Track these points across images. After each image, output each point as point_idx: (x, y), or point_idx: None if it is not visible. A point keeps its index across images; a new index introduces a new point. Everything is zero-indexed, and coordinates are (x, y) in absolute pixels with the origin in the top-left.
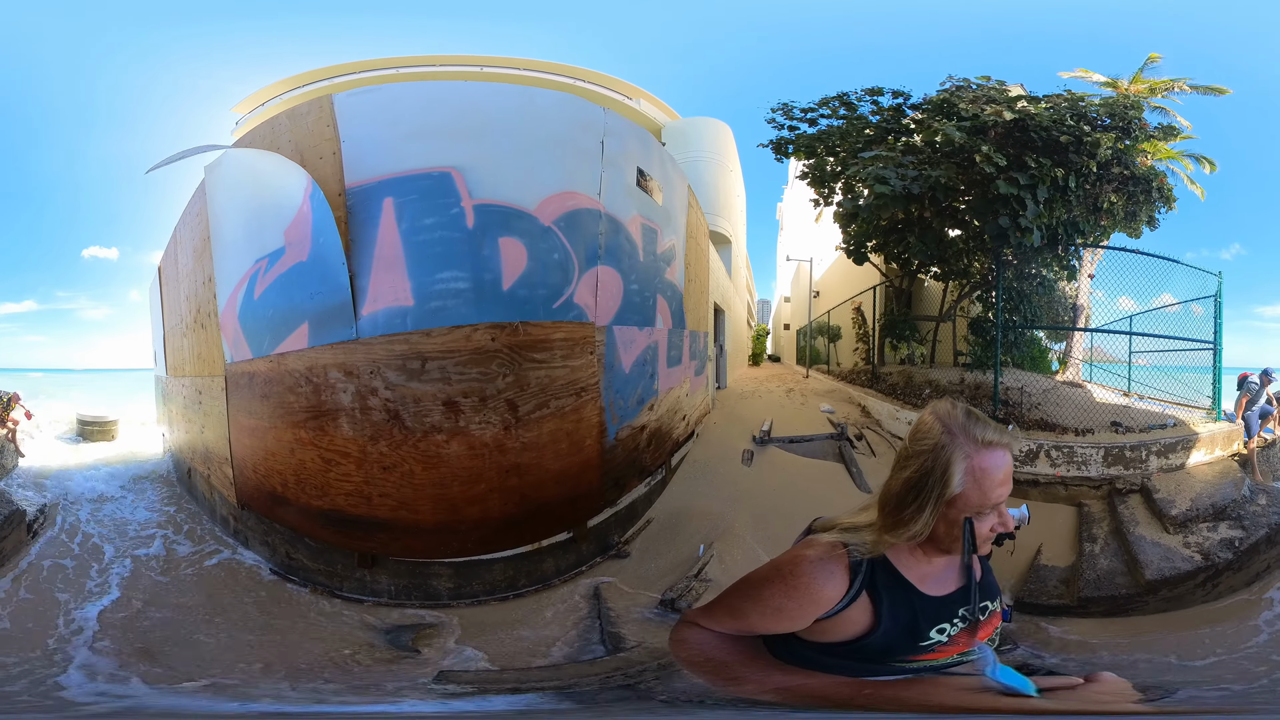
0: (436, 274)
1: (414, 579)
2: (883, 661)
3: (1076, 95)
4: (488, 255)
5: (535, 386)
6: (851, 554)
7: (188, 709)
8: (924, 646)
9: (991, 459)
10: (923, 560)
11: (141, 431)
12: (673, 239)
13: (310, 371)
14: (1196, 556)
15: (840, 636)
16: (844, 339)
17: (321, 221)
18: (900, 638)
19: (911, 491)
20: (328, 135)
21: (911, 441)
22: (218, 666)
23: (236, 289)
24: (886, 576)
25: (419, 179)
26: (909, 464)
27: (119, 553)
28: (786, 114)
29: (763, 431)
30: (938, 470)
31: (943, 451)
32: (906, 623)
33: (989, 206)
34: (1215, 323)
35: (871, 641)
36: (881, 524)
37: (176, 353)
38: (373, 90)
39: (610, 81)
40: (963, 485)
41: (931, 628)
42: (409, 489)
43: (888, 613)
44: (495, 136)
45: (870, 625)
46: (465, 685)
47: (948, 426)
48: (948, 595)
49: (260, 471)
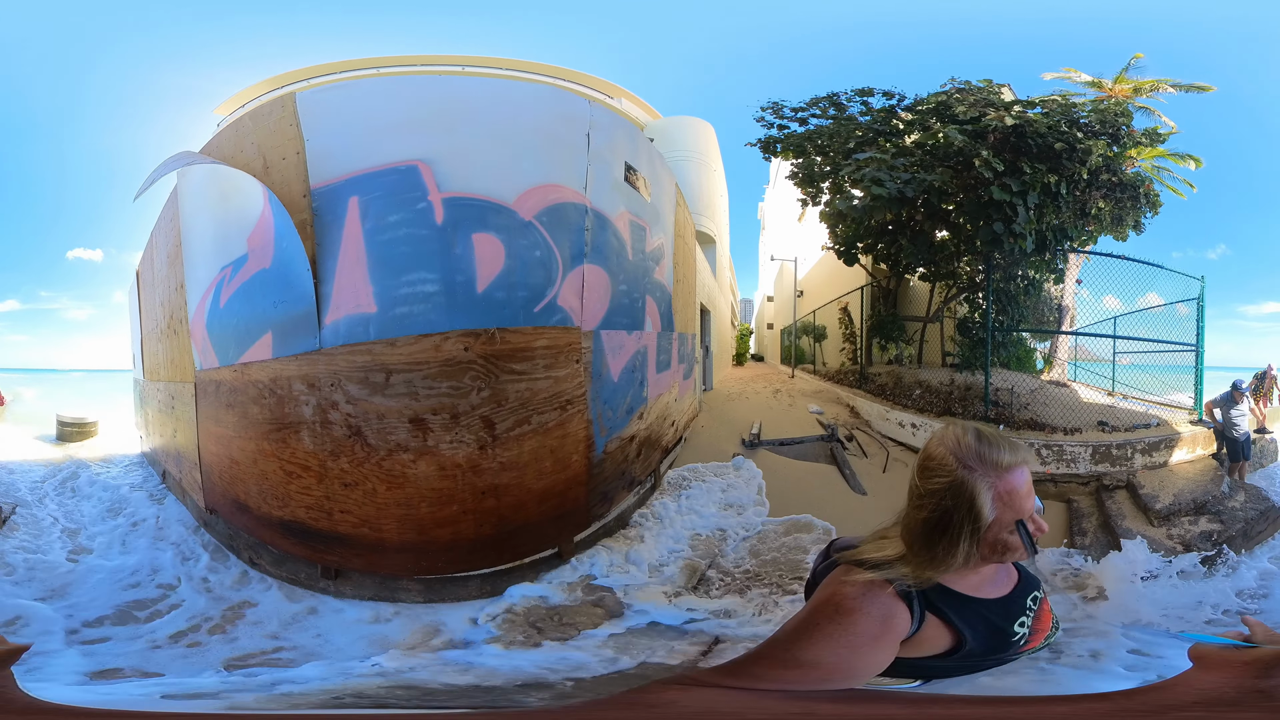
0: (402, 276)
1: (380, 590)
2: (990, 661)
3: (1069, 101)
4: (460, 254)
5: (515, 401)
6: (897, 586)
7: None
8: (1016, 641)
9: (1015, 480)
10: (969, 574)
11: (121, 433)
12: (661, 237)
13: (274, 383)
14: (1179, 548)
15: (934, 650)
16: (830, 339)
17: (283, 227)
18: (993, 641)
19: (935, 531)
20: (291, 135)
21: (922, 478)
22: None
23: (205, 296)
24: (943, 597)
25: (384, 174)
26: (924, 504)
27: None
28: (776, 113)
29: (752, 434)
30: (963, 507)
31: (963, 488)
32: (988, 629)
33: (983, 211)
34: (1198, 325)
35: (970, 649)
36: (917, 562)
37: (152, 357)
38: (338, 86)
39: (592, 81)
40: (994, 512)
41: (1013, 624)
42: (371, 507)
43: (964, 625)
44: (468, 128)
45: (955, 640)
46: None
47: (962, 460)
48: (1010, 593)
49: (225, 479)
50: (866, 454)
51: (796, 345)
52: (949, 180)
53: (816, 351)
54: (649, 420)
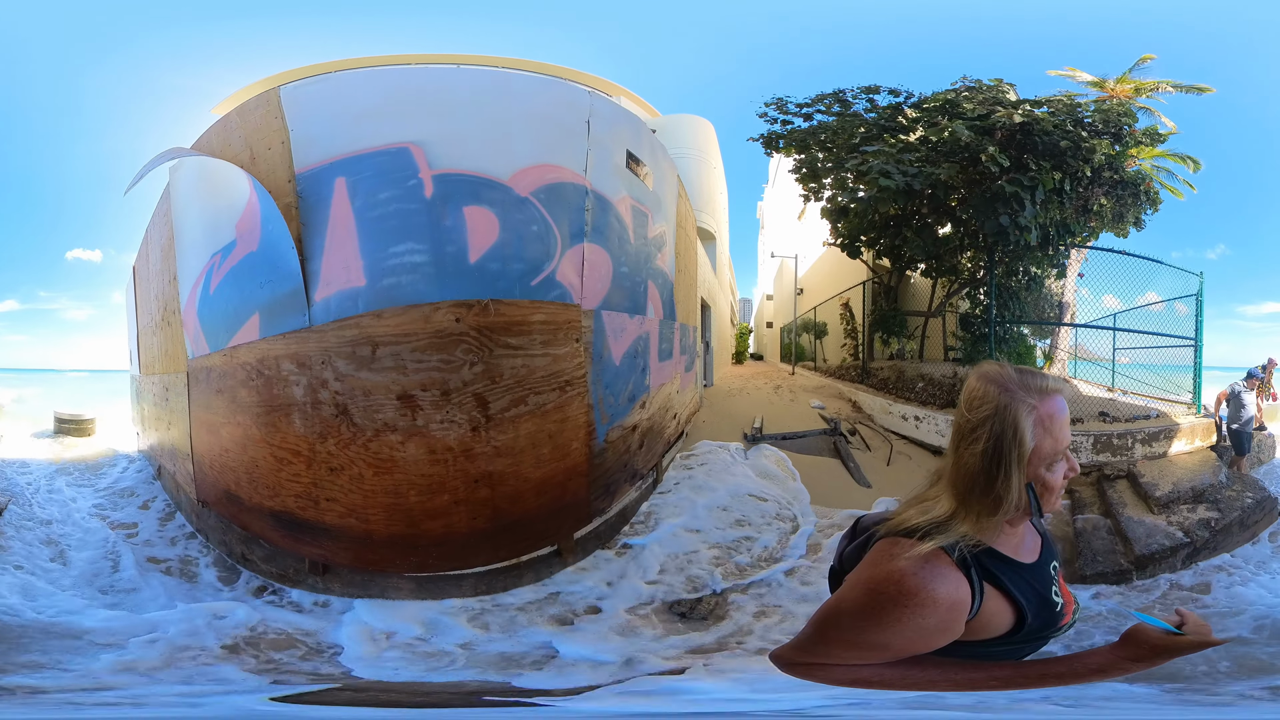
0: (390, 248)
1: (369, 589)
2: (1041, 639)
3: (1073, 101)
4: (450, 225)
5: (510, 378)
6: (952, 553)
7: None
8: (1058, 613)
9: (1055, 404)
10: (1011, 534)
11: (118, 430)
12: (663, 225)
13: (261, 364)
14: (1179, 533)
15: (997, 631)
16: (830, 335)
17: (268, 210)
18: (1045, 612)
19: (992, 463)
20: (275, 127)
21: (970, 410)
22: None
23: (195, 285)
24: (996, 561)
25: (374, 156)
26: (978, 434)
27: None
28: (780, 108)
29: (754, 429)
30: (1009, 431)
31: (1008, 411)
32: (1038, 598)
33: (989, 205)
34: (1196, 320)
35: (1030, 626)
36: (976, 509)
37: (147, 351)
38: (320, 80)
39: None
40: (1035, 439)
41: (1050, 592)
42: (358, 494)
43: (1022, 595)
44: (462, 113)
45: (1015, 615)
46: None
47: (1004, 385)
48: (1040, 559)
49: (216, 468)
50: (870, 447)
51: (796, 342)
52: (955, 175)
53: (817, 348)
54: (651, 410)
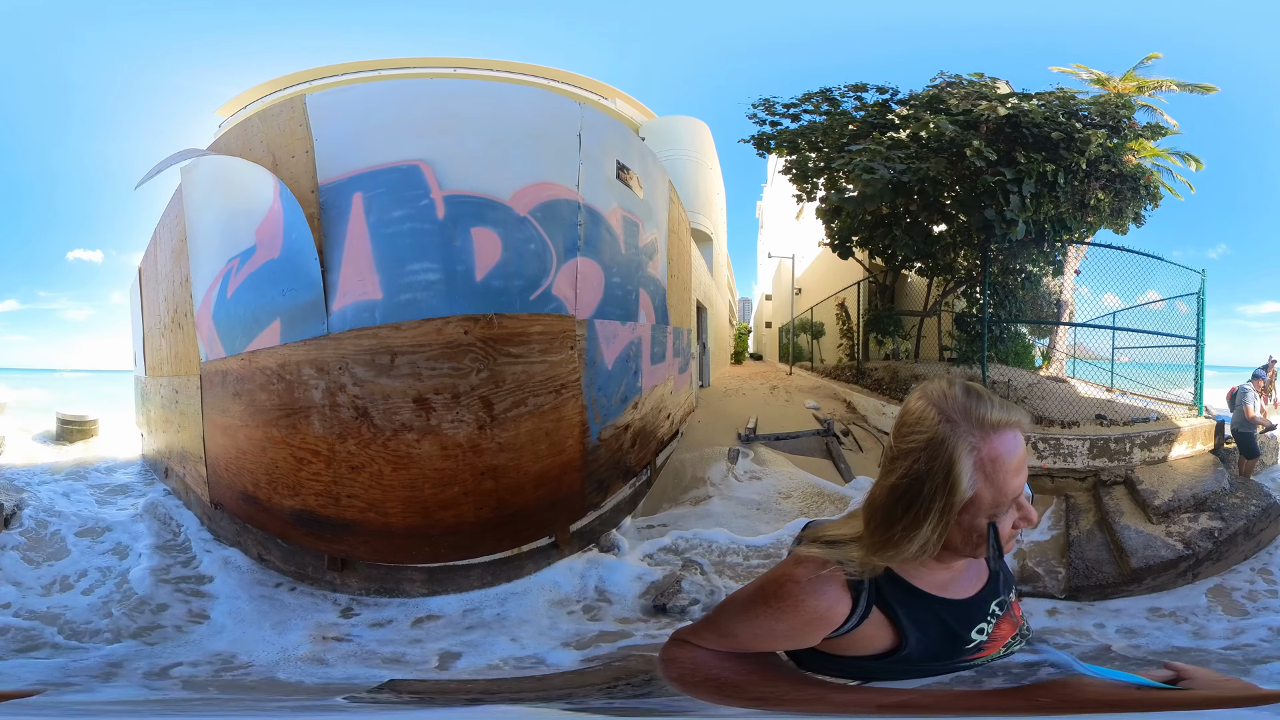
0: (406, 266)
1: (385, 583)
2: (933, 668)
3: (1068, 93)
4: (460, 246)
5: (512, 383)
6: (847, 570)
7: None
8: (970, 649)
9: (1002, 444)
10: (938, 569)
11: (121, 432)
12: (654, 233)
13: (282, 368)
14: (1179, 545)
15: (870, 650)
16: (827, 335)
17: (292, 218)
18: (940, 646)
19: (900, 503)
20: (300, 135)
21: (899, 437)
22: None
23: (211, 288)
24: (897, 591)
25: (386, 173)
26: (894, 467)
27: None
28: (768, 109)
29: (748, 429)
30: (938, 473)
31: (942, 447)
32: (939, 633)
33: (975, 199)
34: (1198, 319)
35: (909, 654)
36: (870, 543)
37: (155, 353)
38: (345, 90)
39: (586, 82)
40: (974, 486)
41: (970, 630)
42: (378, 490)
43: (911, 627)
44: (465, 130)
45: (896, 640)
46: (409, 696)
47: (945, 413)
48: (977, 595)
49: (232, 471)
50: (862, 448)
51: (794, 342)
52: (944, 170)
53: (814, 348)
54: (644, 410)
